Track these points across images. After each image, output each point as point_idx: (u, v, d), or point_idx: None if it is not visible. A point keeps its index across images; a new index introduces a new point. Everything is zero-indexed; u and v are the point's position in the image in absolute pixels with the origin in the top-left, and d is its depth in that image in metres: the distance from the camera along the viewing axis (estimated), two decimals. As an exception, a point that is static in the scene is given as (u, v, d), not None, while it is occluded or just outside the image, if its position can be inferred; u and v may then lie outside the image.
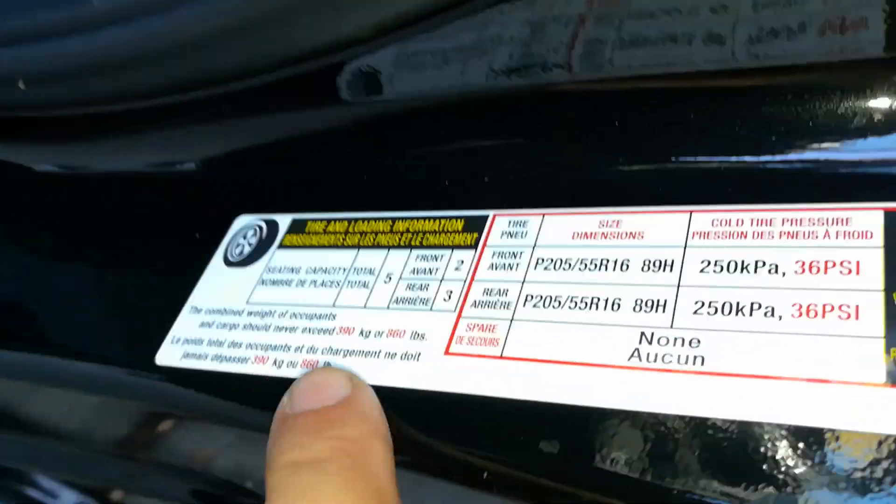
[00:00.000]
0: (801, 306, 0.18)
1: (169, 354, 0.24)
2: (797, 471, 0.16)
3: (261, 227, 0.26)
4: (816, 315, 0.17)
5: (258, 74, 0.26)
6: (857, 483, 0.15)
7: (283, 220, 0.26)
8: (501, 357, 0.20)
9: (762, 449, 0.16)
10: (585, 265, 0.20)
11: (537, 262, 0.21)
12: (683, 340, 0.18)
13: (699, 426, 0.17)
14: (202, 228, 0.27)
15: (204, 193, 0.29)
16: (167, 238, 0.28)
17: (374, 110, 0.26)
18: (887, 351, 0.16)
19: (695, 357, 0.18)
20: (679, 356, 0.18)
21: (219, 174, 0.29)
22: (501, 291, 0.21)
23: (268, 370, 0.22)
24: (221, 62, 0.26)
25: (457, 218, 0.23)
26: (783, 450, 0.16)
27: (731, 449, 0.16)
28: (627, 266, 0.20)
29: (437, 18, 0.23)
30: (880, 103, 0.19)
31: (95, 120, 0.29)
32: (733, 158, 0.21)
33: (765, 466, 0.16)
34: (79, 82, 0.27)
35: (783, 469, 0.16)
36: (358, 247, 0.24)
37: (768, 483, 0.16)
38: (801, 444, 0.16)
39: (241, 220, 0.27)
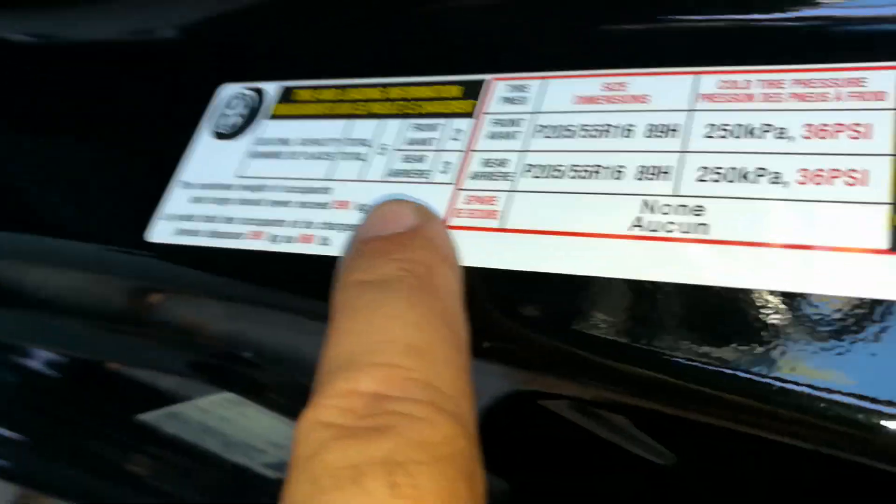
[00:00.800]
0: (808, 171, 0.17)
1: (162, 231, 0.24)
2: (794, 335, 0.16)
3: (247, 96, 0.25)
4: (823, 181, 0.17)
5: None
6: (849, 341, 0.15)
7: (271, 89, 0.25)
8: (501, 229, 0.19)
9: (763, 316, 0.16)
10: (588, 132, 0.20)
11: (538, 130, 0.20)
12: (687, 208, 0.18)
13: (700, 294, 0.17)
14: (185, 98, 0.26)
15: (184, 61, 0.27)
16: (149, 109, 0.27)
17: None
18: (893, 217, 0.16)
19: (698, 225, 0.17)
20: (682, 224, 0.18)
21: (198, 40, 0.27)
22: (501, 162, 0.20)
23: (264, 245, 0.22)
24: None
25: (454, 83, 0.22)
26: (784, 316, 0.16)
27: (734, 316, 0.16)
28: (631, 132, 0.19)
29: None
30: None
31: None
32: (742, 15, 0.19)
33: (764, 333, 0.16)
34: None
35: (781, 334, 0.16)
36: (350, 116, 0.23)
37: (763, 347, 0.16)
38: (800, 310, 0.16)
39: (226, 90, 0.26)
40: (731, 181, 0.18)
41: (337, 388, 0.15)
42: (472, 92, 0.22)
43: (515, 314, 0.18)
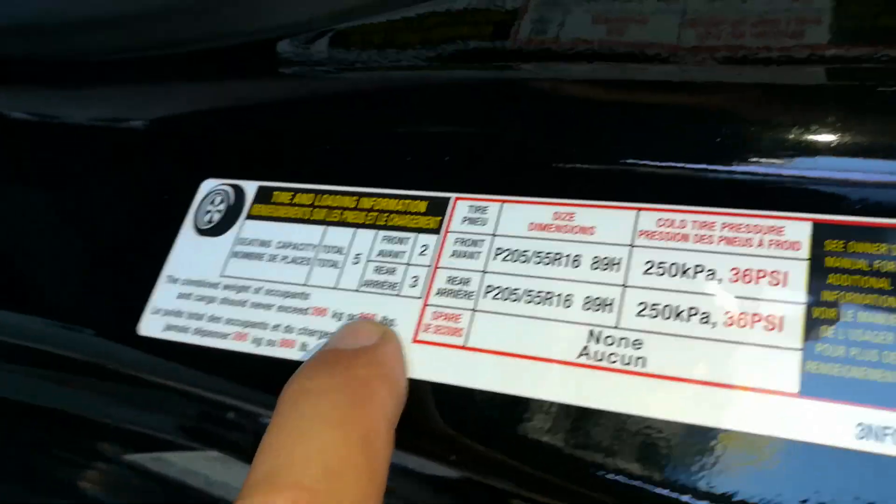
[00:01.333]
0: (732, 315, 0.20)
1: (151, 325, 0.26)
2: (711, 469, 0.18)
3: (227, 193, 0.27)
4: (746, 325, 0.19)
5: (227, 38, 0.26)
6: (764, 482, 0.18)
7: (249, 188, 0.27)
8: (464, 347, 0.21)
9: (691, 449, 0.19)
10: (541, 258, 0.22)
11: (497, 252, 0.23)
12: (628, 341, 0.20)
13: (638, 425, 0.19)
14: (168, 190, 0.28)
15: (169, 153, 0.29)
16: (138, 198, 0.29)
17: (339, 83, 0.26)
18: (803, 363, 0.19)
19: (637, 358, 0.20)
20: (623, 356, 0.20)
21: (184, 134, 0.29)
22: (463, 280, 0.23)
23: (248, 347, 0.24)
24: (189, 26, 0.25)
25: (420, 198, 0.24)
26: (703, 450, 0.18)
27: (665, 448, 0.19)
28: (579, 263, 0.22)
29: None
30: (818, 125, 0.20)
31: (63, 69, 0.29)
32: (680, 161, 0.22)
33: (686, 465, 0.18)
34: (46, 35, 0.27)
35: (698, 466, 0.18)
36: (325, 222, 0.25)
37: (685, 479, 0.18)
38: (719, 446, 0.18)
39: (207, 185, 0.28)
40: (666, 318, 0.20)
41: (255, 502, 0.17)
42: (437, 209, 0.24)
43: (476, 432, 0.21)
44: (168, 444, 0.28)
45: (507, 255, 0.23)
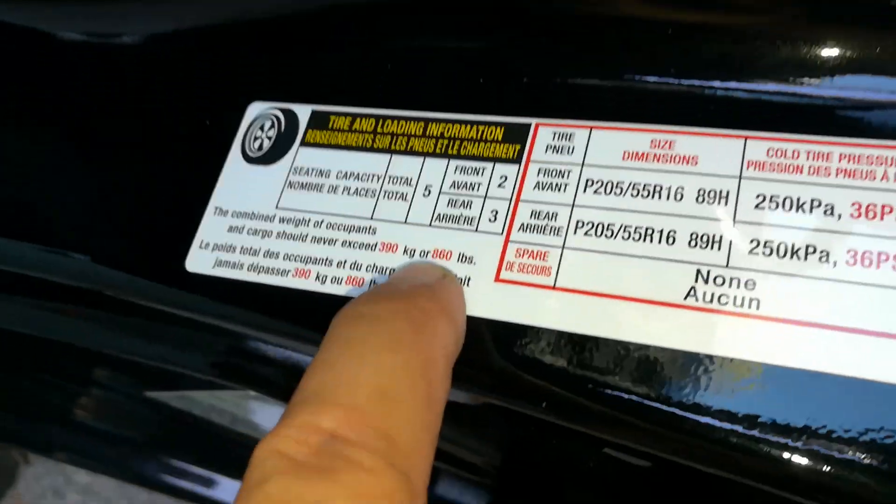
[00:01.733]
0: (856, 253, 0.18)
1: (199, 261, 0.24)
2: (834, 421, 0.17)
3: (278, 118, 0.25)
4: (871, 264, 0.18)
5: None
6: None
7: (302, 112, 0.25)
8: (554, 287, 0.20)
9: (807, 397, 0.17)
10: (638, 191, 0.20)
11: (587, 184, 0.21)
12: (739, 281, 0.19)
13: (754, 372, 0.18)
14: (211, 113, 0.26)
15: (211, 74, 0.27)
16: (175, 122, 0.26)
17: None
18: (937, 306, 0.17)
19: (751, 300, 0.18)
20: (735, 298, 0.19)
21: (228, 51, 0.26)
22: (550, 215, 0.21)
23: (311, 285, 0.22)
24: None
25: (496, 125, 0.22)
26: (822, 399, 0.17)
27: (781, 396, 0.18)
28: (681, 195, 0.20)
29: None
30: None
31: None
32: (793, 84, 0.20)
33: (807, 415, 0.17)
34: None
35: (819, 417, 0.17)
36: (390, 150, 0.23)
37: (808, 433, 0.17)
38: (842, 395, 0.17)
39: (255, 108, 0.25)
40: (781, 256, 0.19)
41: (299, 420, 0.15)
42: (516, 136, 0.22)
43: (570, 379, 0.19)
44: (218, 387, 0.27)
45: (599, 187, 0.21)
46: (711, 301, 0.19)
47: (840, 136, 0.19)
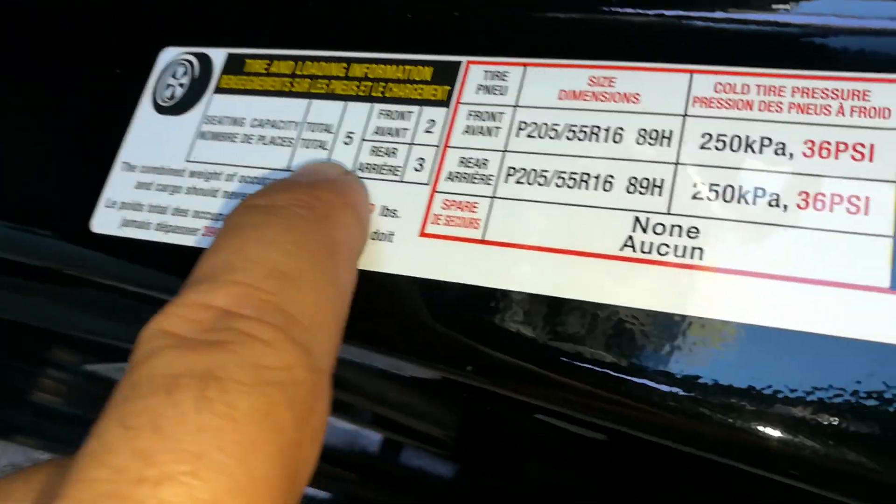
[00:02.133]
0: (808, 195, 0.16)
1: (105, 220, 0.22)
2: (782, 381, 0.15)
3: (191, 63, 0.23)
4: (824, 207, 0.16)
5: None
6: (851, 389, 0.15)
7: (217, 56, 0.23)
8: (483, 241, 0.18)
9: (752, 355, 0.16)
10: (574, 133, 0.19)
11: (520, 127, 0.19)
12: (681, 229, 0.17)
13: (698, 327, 0.16)
14: (121, 62, 0.24)
15: (121, 19, 0.24)
16: (81, 72, 0.24)
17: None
18: (895, 252, 0.16)
19: (693, 249, 0.17)
20: (676, 247, 0.17)
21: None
22: (480, 162, 0.19)
23: (222, 244, 0.20)
24: None
25: (424, 63, 0.20)
26: (768, 357, 0.16)
27: (725, 354, 0.16)
28: (621, 137, 0.18)
29: None
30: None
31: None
32: (742, 12, 0.18)
33: (747, 371, 0.16)
34: None
35: (766, 377, 0.15)
36: (309, 95, 0.21)
37: (752, 394, 0.15)
38: (795, 350, 0.15)
39: (168, 54, 0.23)
40: (727, 200, 0.17)
41: (189, 300, 0.14)
42: (445, 76, 0.20)
43: (499, 338, 0.18)
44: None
45: (533, 130, 0.19)
46: (650, 251, 0.17)
47: (793, 69, 0.17)
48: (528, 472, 0.26)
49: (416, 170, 0.19)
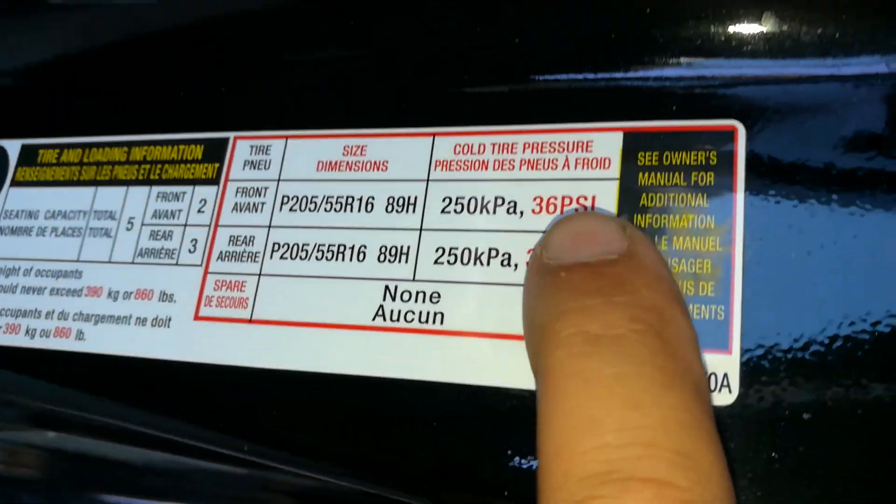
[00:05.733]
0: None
1: (-85, 323, 0.22)
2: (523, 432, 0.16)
3: (-11, 157, 0.23)
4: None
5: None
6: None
7: (12, 147, 0.23)
8: (251, 321, 0.19)
9: (506, 417, 0.16)
10: (331, 204, 0.19)
11: (283, 201, 0.19)
12: (425, 295, 0.17)
13: (439, 394, 0.17)
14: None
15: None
16: None
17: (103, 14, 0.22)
18: (613, 304, 0.16)
19: (435, 314, 0.17)
20: (420, 313, 0.17)
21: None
22: (247, 239, 0.19)
23: (21, 341, 0.21)
24: None
25: (195, 142, 0.21)
26: (515, 414, 0.16)
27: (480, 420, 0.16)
28: (372, 206, 0.18)
29: None
30: (619, 20, 0.17)
31: None
32: (475, 73, 0.18)
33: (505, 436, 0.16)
34: None
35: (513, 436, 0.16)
36: (95, 182, 0.22)
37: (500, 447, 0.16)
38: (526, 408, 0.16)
39: (-33, 149, 0.24)
40: (465, 263, 0.17)
41: None
42: (215, 153, 0.20)
43: (268, 417, 0.18)
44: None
45: (295, 204, 0.19)
46: (398, 319, 0.17)
47: (525, 124, 0.18)
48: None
49: (190, 251, 0.20)
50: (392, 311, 0.17)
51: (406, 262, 0.18)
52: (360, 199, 0.19)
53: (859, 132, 0.16)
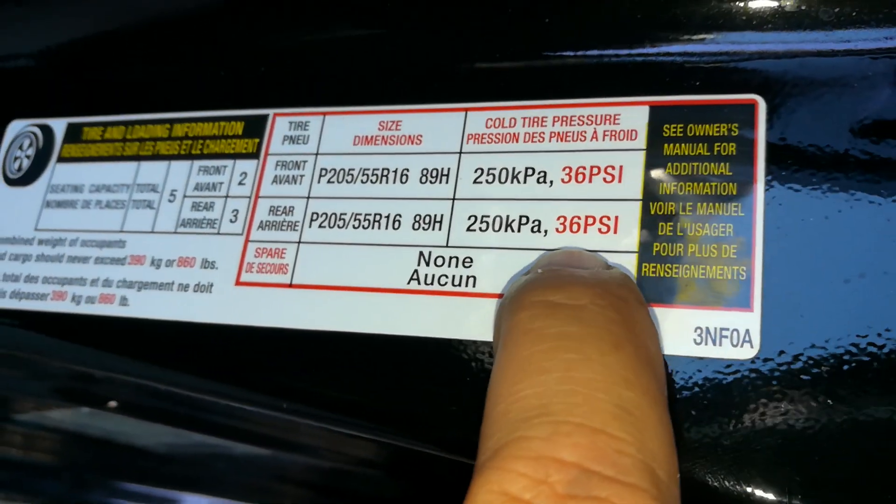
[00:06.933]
0: (565, 219, 0.18)
1: (-35, 292, 0.23)
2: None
3: (35, 135, 0.24)
4: (579, 229, 0.18)
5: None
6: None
7: (58, 126, 0.24)
8: (291, 286, 0.19)
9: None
10: (367, 176, 0.20)
11: (321, 174, 0.20)
12: (458, 260, 0.18)
13: (468, 350, 0.17)
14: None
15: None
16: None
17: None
18: (640, 266, 0.17)
19: (467, 278, 0.18)
20: (454, 277, 0.18)
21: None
22: (287, 210, 0.20)
23: (67, 307, 0.22)
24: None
25: (236, 119, 0.22)
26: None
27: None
28: (407, 177, 0.19)
29: None
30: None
31: None
32: (506, 51, 0.19)
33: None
34: None
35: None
36: (138, 158, 0.23)
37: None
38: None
39: (14, 127, 0.25)
40: (497, 230, 0.18)
41: (529, 450, 0.11)
42: (255, 129, 0.21)
43: (308, 377, 0.19)
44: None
45: (332, 176, 0.20)
46: (432, 283, 0.18)
47: (554, 98, 0.19)
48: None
49: (231, 221, 0.21)
50: (426, 276, 0.18)
51: (440, 229, 0.19)
52: (396, 171, 0.20)
53: (875, 106, 0.16)
